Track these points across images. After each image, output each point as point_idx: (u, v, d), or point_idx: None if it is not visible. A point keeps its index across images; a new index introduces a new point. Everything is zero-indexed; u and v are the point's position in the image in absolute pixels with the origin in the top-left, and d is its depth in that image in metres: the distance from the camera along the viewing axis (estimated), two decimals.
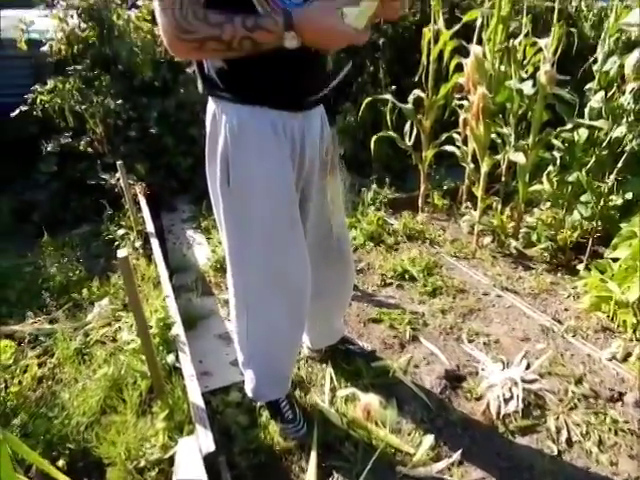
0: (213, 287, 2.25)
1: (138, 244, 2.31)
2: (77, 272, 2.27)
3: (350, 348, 1.72)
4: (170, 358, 1.54)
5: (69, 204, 3.01)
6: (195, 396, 1.33)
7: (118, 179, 2.54)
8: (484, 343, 1.84)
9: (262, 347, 1.33)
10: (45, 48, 3.15)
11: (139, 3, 3.44)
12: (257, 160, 1.08)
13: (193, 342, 1.72)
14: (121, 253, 1.18)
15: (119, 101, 3.08)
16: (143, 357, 1.45)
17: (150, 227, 2.34)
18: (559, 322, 1.96)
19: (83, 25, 3.20)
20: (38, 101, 2.99)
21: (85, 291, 2.10)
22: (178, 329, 1.64)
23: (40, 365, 1.67)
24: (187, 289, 2.19)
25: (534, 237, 2.50)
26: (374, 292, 2.21)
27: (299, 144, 1.13)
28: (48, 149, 3.00)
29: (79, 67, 3.12)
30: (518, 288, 2.23)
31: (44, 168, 3.05)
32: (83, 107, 3.00)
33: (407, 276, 2.30)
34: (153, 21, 3.37)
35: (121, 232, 2.42)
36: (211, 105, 1.11)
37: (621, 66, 2.16)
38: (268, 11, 0.91)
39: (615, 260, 1.96)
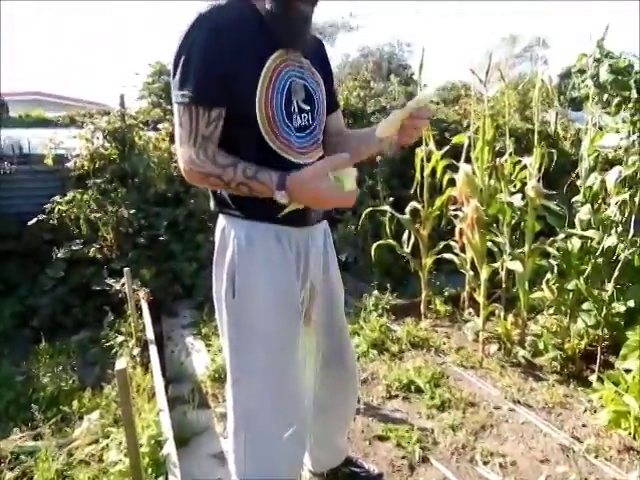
0: (210, 399, 2.15)
1: (136, 351, 2.26)
2: (70, 382, 2.19)
3: (355, 471, 1.58)
4: None
5: (71, 309, 3.02)
6: None
7: (123, 284, 2.58)
8: (500, 465, 1.69)
9: (260, 467, 1.22)
10: (70, 164, 3.42)
11: (159, 126, 3.82)
12: (263, 272, 1.11)
13: (185, 462, 1.59)
14: (119, 364, 1.16)
15: (132, 210, 3.26)
16: None
17: (150, 334, 2.31)
18: (578, 440, 1.83)
19: (107, 144, 3.52)
20: (56, 210, 3.17)
21: (75, 403, 2.00)
22: (170, 447, 1.53)
23: None
24: (183, 401, 2.09)
25: (541, 345, 2.44)
26: (379, 405, 2.10)
27: (303, 256, 1.17)
28: (58, 255, 3.10)
29: (98, 180, 3.36)
30: (531, 401, 2.12)
31: (51, 273, 3.11)
32: (97, 216, 3.17)
33: (413, 387, 2.20)
34: (170, 141, 3.72)
35: (120, 339, 2.39)
36: (221, 221, 1.18)
37: (603, 181, 2.31)
38: (278, 145, 1.04)
39: (628, 371, 1.90)
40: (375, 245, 2.95)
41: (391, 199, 3.65)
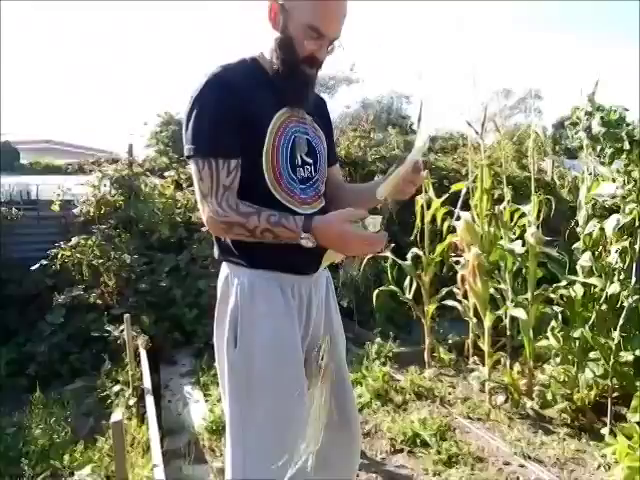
0: (207, 452, 2.06)
1: (132, 402, 2.20)
2: (63, 433, 2.12)
3: None
4: None
5: (68, 357, 2.97)
6: None
7: (122, 331, 2.55)
8: None
9: None
10: (76, 210, 3.48)
11: (165, 174, 3.92)
12: (265, 322, 1.10)
13: None
14: (115, 417, 1.13)
15: (135, 256, 3.28)
16: None
17: (147, 383, 2.25)
18: None
19: (113, 191, 3.60)
20: (59, 256, 3.19)
21: (67, 457, 1.92)
22: None
23: None
24: (178, 455, 2.01)
25: (549, 396, 2.37)
26: (383, 460, 2.01)
27: (306, 306, 1.16)
28: (59, 301, 3.08)
29: (103, 226, 3.41)
30: (542, 456, 2.03)
31: (51, 319, 3.09)
32: (100, 261, 3.19)
33: (418, 441, 2.12)
34: (175, 188, 3.81)
35: (116, 388, 2.33)
36: (224, 269, 1.19)
37: (602, 229, 2.33)
38: (283, 196, 1.08)
39: None
40: (377, 291, 2.93)
41: (392, 245, 3.67)
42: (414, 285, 2.92)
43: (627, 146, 1.96)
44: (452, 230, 2.67)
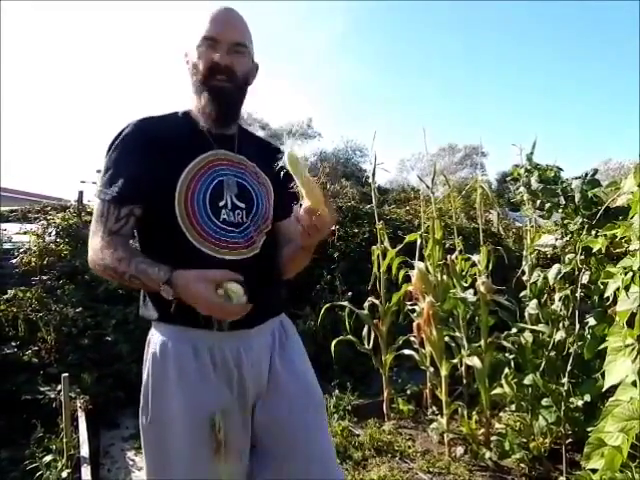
0: None
1: (65, 474, 1.97)
2: None
3: None
4: None
5: None
6: None
7: (59, 392, 2.33)
8: None
9: None
10: (15, 260, 3.27)
11: None
12: (175, 391, 1.01)
13: None
14: None
15: (78, 309, 3.08)
16: None
17: (84, 451, 2.05)
18: None
19: (59, 240, 3.43)
20: None
21: None
22: None
23: None
24: None
25: (507, 445, 2.36)
26: None
27: (236, 371, 1.04)
28: None
29: (45, 277, 3.20)
30: None
31: None
32: (39, 315, 2.96)
33: None
34: None
35: (48, 458, 2.08)
36: (149, 332, 1.12)
37: (545, 277, 2.46)
38: (196, 238, 1.03)
39: (594, 470, 1.84)
40: (335, 341, 2.89)
41: (349, 294, 3.68)
42: (372, 335, 2.91)
43: (563, 201, 2.11)
44: (407, 279, 2.72)
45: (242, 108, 1.17)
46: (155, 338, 1.07)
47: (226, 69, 1.06)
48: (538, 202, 2.27)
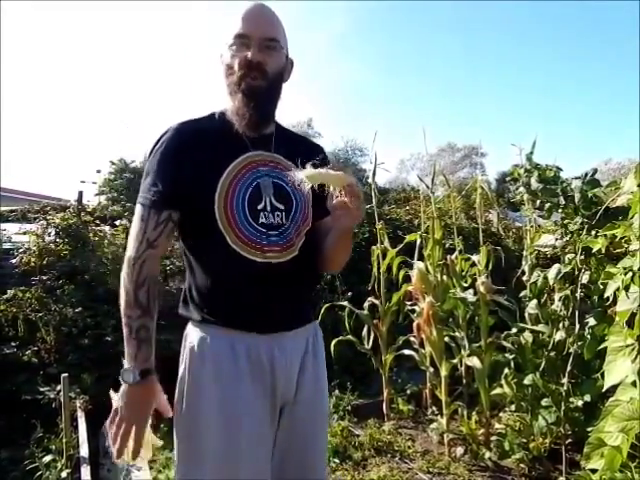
0: None
1: (65, 474, 1.97)
2: None
3: None
4: None
5: None
6: None
7: (59, 392, 2.33)
8: None
9: None
10: (15, 260, 3.26)
11: (117, 222, 3.79)
12: (213, 386, 1.02)
13: None
14: None
15: (78, 309, 3.07)
16: None
17: (84, 451, 2.04)
18: None
19: (59, 240, 3.42)
20: None
21: None
22: None
23: None
24: None
25: (507, 446, 2.36)
26: None
27: (269, 370, 1.05)
28: None
29: (44, 277, 3.20)
30: None
31: None
32: (39, 315, 2.95)
33: None
34: (126, 237, 3.67)
35: (48, 458, 2.08)
36: (187, 327, 1.12)
37: (545, 277, 2.46)
38: (236, 242, 1.03)
39: (594, 471, 1.84)
40: (335, 341, 2.89)
41: (349, 294, 3.68)
42: (372, 335, 2.91)
43: (563, 201, 2.11)
44: (407, 279, 2.72)
45: (278, 106, 1.15)
46: (193, 333, 1.07)
47: (258, 65, 1.05)
48: (538, 202, 2.27)
